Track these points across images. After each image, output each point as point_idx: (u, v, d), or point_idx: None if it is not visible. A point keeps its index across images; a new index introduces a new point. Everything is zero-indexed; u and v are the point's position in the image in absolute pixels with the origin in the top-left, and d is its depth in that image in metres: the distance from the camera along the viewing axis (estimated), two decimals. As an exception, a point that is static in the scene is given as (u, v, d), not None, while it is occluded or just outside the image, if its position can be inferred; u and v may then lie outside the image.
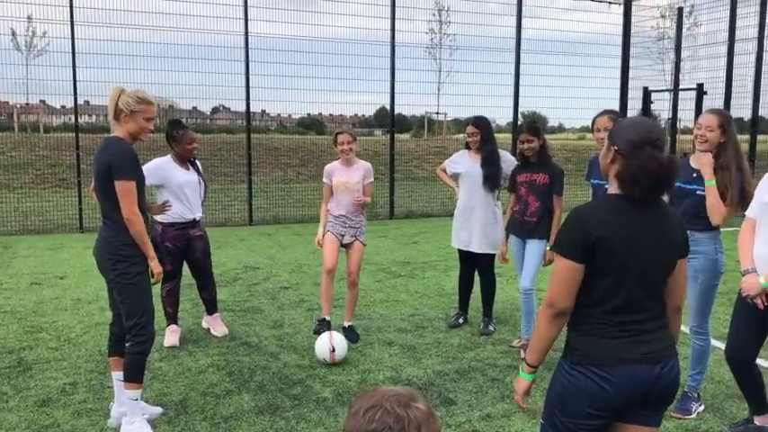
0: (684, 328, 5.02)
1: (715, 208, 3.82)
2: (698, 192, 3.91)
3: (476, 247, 5.71)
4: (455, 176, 5.84)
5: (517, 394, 2.50)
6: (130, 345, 3.78)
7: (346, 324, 5.56)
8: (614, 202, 2.33)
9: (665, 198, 3.84)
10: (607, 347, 2.28)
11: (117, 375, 3.96)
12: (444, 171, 5.94)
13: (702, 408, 4.17)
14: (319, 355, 4.92)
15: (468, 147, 5.75)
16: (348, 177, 5.44)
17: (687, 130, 13.60)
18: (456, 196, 5.88)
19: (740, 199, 3.80)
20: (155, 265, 3.86)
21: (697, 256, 3.90)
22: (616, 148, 2.33)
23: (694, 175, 3.94)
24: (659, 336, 2.35)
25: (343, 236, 5.48)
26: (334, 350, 4.87)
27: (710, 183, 3.81)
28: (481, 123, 5.66)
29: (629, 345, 2.28)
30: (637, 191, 2.26)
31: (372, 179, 5.56)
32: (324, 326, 5.36)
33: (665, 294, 2.39)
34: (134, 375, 3.81)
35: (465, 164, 5.72)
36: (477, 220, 5.65)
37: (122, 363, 3.87)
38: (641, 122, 2.39)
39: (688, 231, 3.87)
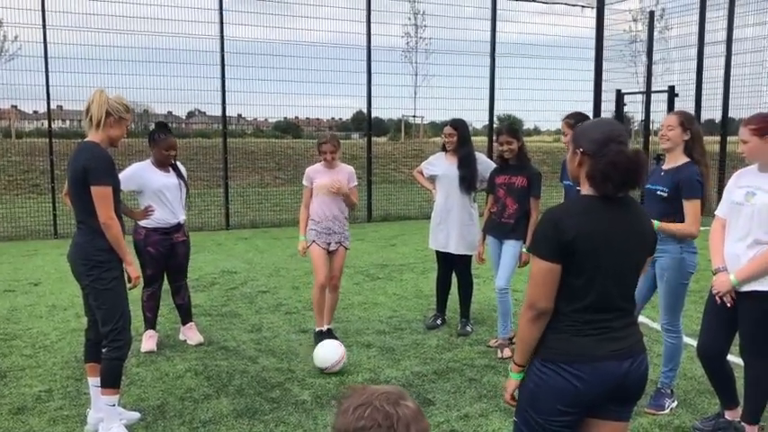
0: (657, 326, 5.11)
1: (682, 232, 3.93)
2: (658, 192, 4.02)
3: (453, 249, 5.75)
4: (432, 179, 5.88)
5: (507, 393, 2.54)
6: (107, 350, 3.75)
7: (325, 327, 5.52)
8: (587, 202, 2.38)
9: (638, 197, 3.99)
10: (578, 345, 2.32)
11: (93, 381, 3.93)
12: (421, 173, 5.98)
13: (675, 403, 4.25)
14: (319, 362, 4.83)
15: (444, 149, 5.79)
16: (331, 180, 5.38)
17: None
18: (433, 198, 5.92)
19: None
20: (132, 270, 3.83)
21: (663, 255, 4.00)
22: (581, 150, 2.38)
23: (662, 174, 4.05)
24: (629, 332, 2.40)
25: (329, 244, 5.42)
26: (325, 369, 4.83)
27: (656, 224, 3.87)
28: (459, 125, 5.71)
29: (599, 342, 2.33)
30: (609, 187, 2.31)
31: (356, 183, 5.53)
32: (324, 337, 5.29)
33: None
34: (111, 381, 3.79)
35: (441, 166, 5.77)
36: (454, 222, 5.69)
37: (99, 369, 3.85)
38: (602, 122, 2.48)
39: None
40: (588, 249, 2.28)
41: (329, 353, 4.85)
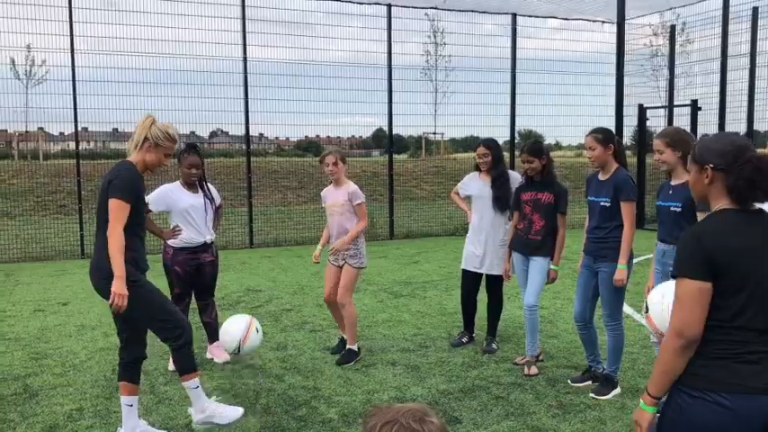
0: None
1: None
2: (671, 208, 4.11)
3: (486, 269, 5.75)
4: (467, 199, 5.91)
5: (641, 428, 2.29)
6: (171, 343, 3.87)
7: (348, 346, 5.54)
8: (730, 216, 2.25)
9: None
10: (734, 372, 2.15)
11: (126, 400, 3.97)
12: (457, 194, 6.01)
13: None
14: (228, 346, 4.68)
15: (477, 169, 5.81)
16: (335, 199, 5.48)
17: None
18: (468, 219, 5.93)
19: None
20: (117, 286, 3.63)
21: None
22: (711, 165, 2.27)
23: (670, 192, 4.12)
24: None
25: (336, 260, 5.55)
26: (239, 351, 4.67)
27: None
28: (492, 145, 5.73)
29: (759, 371, 2.15)
30: (758, 195, 2.21)
31: (361, 200, 5.41)
32: (343, 344, 5.64)
33: None
34: (186, 367, 3.92)
35: (475, 186, 5.79)
36: (488, 242, 5.70)
37: (131, 388, 3.93)
38: (721, 135, 2.40)
39: (671, 246, 4.06)
40: (735, 263, 2.16)
41: (233, 332, 4.64)
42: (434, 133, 17.60)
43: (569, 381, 4.97)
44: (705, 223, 2.29)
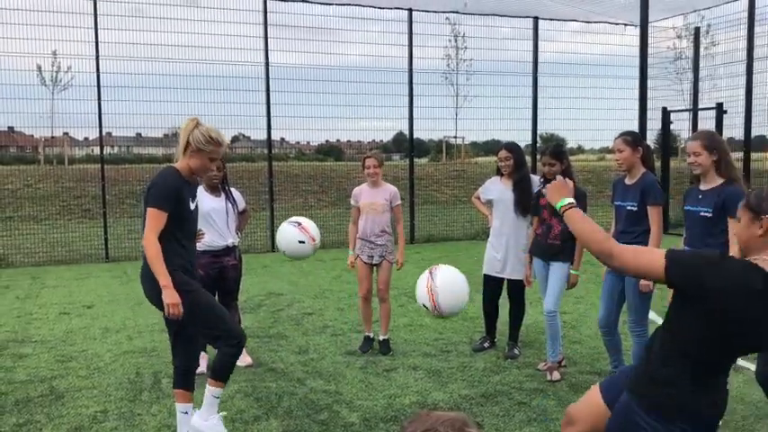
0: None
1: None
2: (701, 213, 4.06)
3: (508, 274, 5.72)
4: (488, 203, 5.89)
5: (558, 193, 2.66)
6: (224, 346, 3.81)
7: (381, 337, 5.88)
8: (750, 268, 2.22)
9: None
10: (694, 402, 2.31)
11: (181, 408, 3.95)
12: (479, 199, 6.00)
13: None
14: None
15: (499, 173, 5.79)
16: (373, 198, 5.71)
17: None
18: (489, 224, 5.92)
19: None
20: (167, 295, 3.58)
21: None
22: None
23: (700, 197, 4.07)
24: (723, 384, 2.40)
25: (372, 257, 5.74)
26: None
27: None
28: (514, 148, 5.72)
29: (705, 397, 2.33)
30: None
31: (400, 201, 5.83)
32: (368, 343, 5.84)
33: None
34: (222, 374, 3.86)
35: (497, 190, 5.76)
36: (509, 246, 5.67)
37: (185, 396, 3.94)
38: None
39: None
40: (722, 309, 2.18)
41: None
42: (455, 137, 17.62)
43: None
44: (726, 257, 2.31)
